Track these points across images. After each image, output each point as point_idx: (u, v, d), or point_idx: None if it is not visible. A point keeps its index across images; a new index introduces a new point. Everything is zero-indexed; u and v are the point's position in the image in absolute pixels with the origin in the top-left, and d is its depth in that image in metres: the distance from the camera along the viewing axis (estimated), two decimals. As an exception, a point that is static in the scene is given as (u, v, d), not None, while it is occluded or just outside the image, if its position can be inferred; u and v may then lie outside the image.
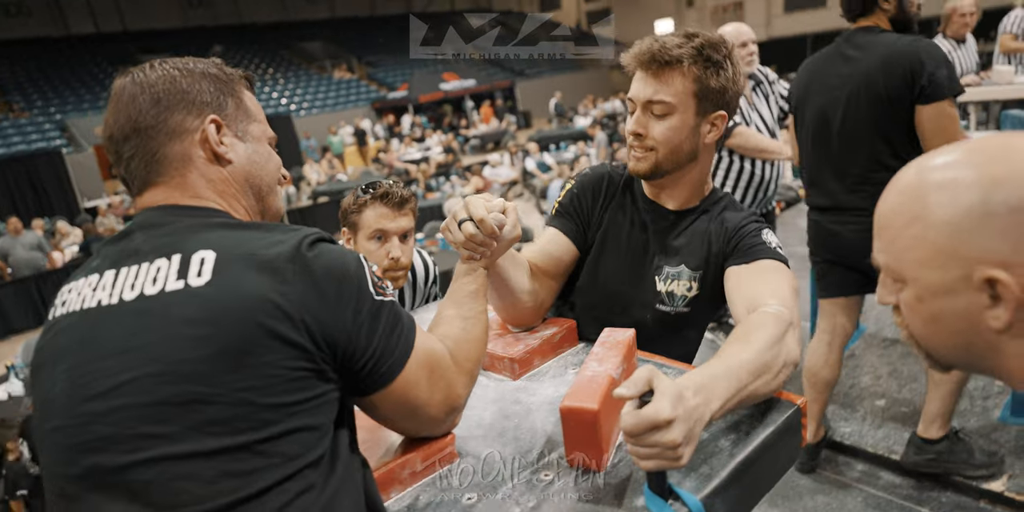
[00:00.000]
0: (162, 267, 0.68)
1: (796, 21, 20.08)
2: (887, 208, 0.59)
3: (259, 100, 0.85)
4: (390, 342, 0.75)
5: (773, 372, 0.87)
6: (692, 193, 1.22)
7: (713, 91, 1.10)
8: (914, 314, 0.59)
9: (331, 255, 0.72)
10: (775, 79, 2.95)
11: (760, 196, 2.90)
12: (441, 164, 12.49)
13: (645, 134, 1.13)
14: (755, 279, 1.07)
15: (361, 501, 0.73)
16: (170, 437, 0.61)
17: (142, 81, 0.77)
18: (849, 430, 2.44)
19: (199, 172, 0.78)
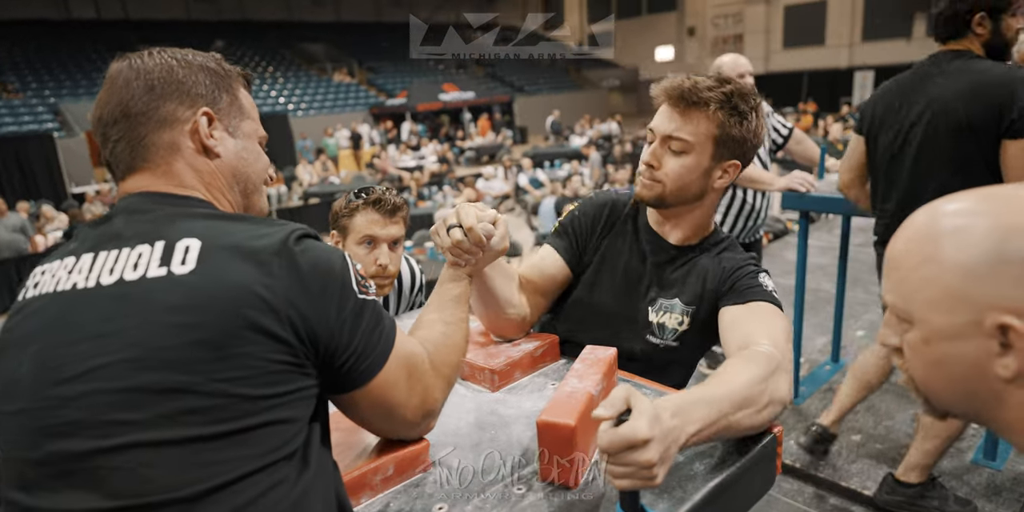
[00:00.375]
0: (144, 253, 0.68)
1: (794, 57, 20.50)
2: (898, 249, 0.59)
3: (257, 98, 0.86)
4: (371, 340, 0.75)
5: (757, 407, 0.87)
6: (694, 230, 1.24)
7: (733, 139, 1.11)
8: (918, 357, 0.58)
9: (317, 251, 0.72)
10: (770, 112, 3.00)
11: (749, 224, 2.94)
12: (435, 174, 12.50)
13: (658, 167, 1.15)
14: (749, 319, 1.07)
15: (332, 500, 0.72)
16: (142, 424, 0.60)
17: (139, 67, 0.77)
18: (824, 463, 2.46)
19: (186, 162, 0.77)
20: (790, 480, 2.43)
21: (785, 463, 2.44)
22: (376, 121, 17.48)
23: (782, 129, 3.01)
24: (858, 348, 3.31)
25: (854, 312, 3.85)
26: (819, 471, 2.41)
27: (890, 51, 18.05)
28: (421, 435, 0.89)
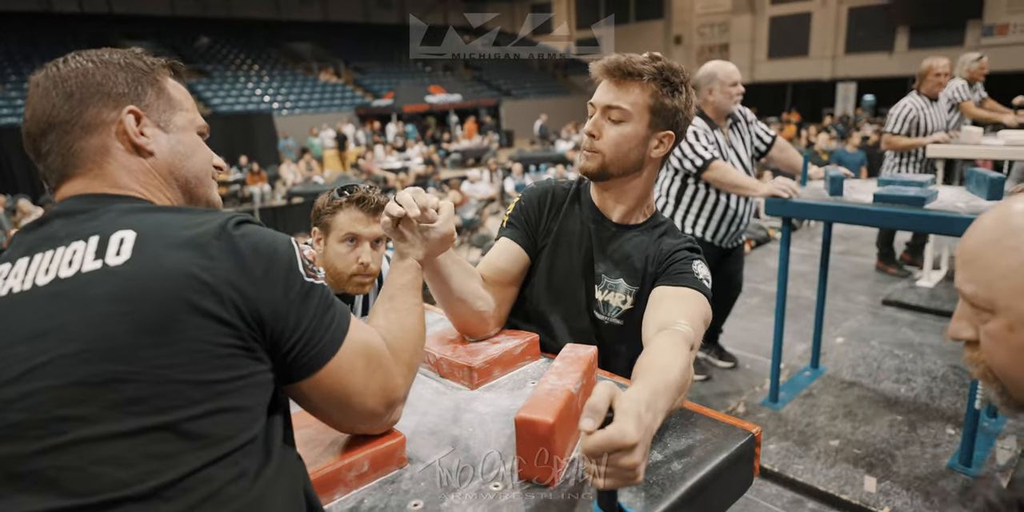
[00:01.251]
0: (79, 249, 0.66)
1: (778, 68, 20.75)
2: (976, 241, 0.61)
3: (242, 96, 0.83)
4: (322, 324, 0.73)
5: (686, 391, 0.94)
6: (635, 206, 1.29)
7: (667, 109, 1.19)
8: (1000, 345, 0.59)
9: (259, 234, 0.71)
10: (753, 120, 3.03)
11: (732, 230, 2.96)
12: (420, 175, 12.46)
13: (598, 136, 1.21)
14: (674, 302, 1.12)
15: (299, 496, 0.70)
16: (87, 419, 0.58)
17: (55, 75, 0.75)
18: (802, 468, 2.47)
19: (118, 163, 0.76)
20: (769, 484, 2.44)
21: (764, 467, 2.45)
22: (362, 122, 17.41)
23: (765, 136, 3.03)
24: (837, 355, 3.34)
25: (834, 319, 3.89)
26: (797, 476, 2.42)
27: (872, 64, 18.34)
28: (386, 428, 0.87)
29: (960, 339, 0.65)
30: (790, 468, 2.46)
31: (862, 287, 4.54)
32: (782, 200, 2.53)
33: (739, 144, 2.95)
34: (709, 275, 1.21)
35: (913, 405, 2.82)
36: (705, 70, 2.87)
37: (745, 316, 4.02)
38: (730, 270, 3.13)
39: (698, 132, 2.77)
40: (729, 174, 2.70)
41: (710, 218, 2.91)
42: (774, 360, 2.80)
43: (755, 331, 3.80)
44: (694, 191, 2.89)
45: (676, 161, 2.81)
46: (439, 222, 1.00)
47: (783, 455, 2.53)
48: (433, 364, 1.17)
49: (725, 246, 3.03)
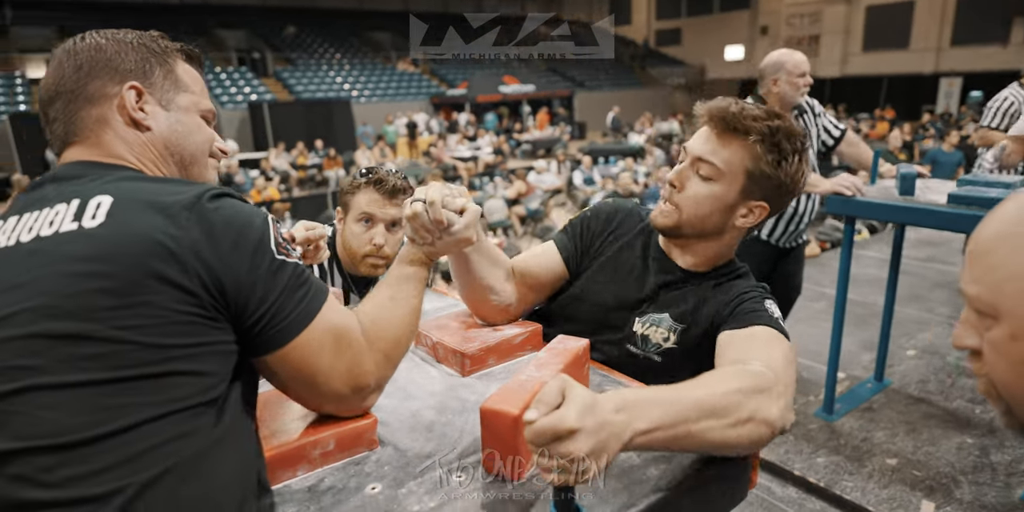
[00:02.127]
0: (60, 211, 0.69)
1: (874, 61, 19.49)
2: (989, 234, 0.53)
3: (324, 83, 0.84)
4: (290, 300, 0.73)
5: (730, 419, 0.75)
6: (706, 261, 1.16)
7: (767, 177, 1.04)
8: (1002, 356, 0.52)
9: (234, 208, 0.72)
10: (821, 112, 2.84)
11: (791, 228, 2.79)
12: (489, 164, 12.52)
13: (680, 188, 1.09)
14: (745, 342, 0.98)
15: (249, 469, 0.70)
16: (40, 369, 0.61)
17: (70, 49, 0.80)
18: (852, 485, 2.31)
19: (115, 134, 0.79)
20: (812, 500, 2.30)
21: (810, 482, 2.31)
22: (436, 111, 17.65)
23: (833, 130, 2.84)
24: (907, 368, 3.11)
25: (907, 330, 3.62)
26: (846, 493, 2.27)
27: (982, 57, 16.91)
28: (359, 412, 0.85)
29: (963, 348, 0.56)
30: (838, 484, 2.31)
31: (943, 297, 4.20)
32: (844, 198, 2.36)
33: (805, 137, 2.78)
34: (782, 317, 1.05)
35: (988, 428, 2.58)
36: (771, 59, 2.70)
37: (807, 321, 3.81)
38: (789, 271, 2.96)
39: (759, 124, 2.62)
40: (789, 169, 2.54)
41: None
42: (830, 368, 2.63)
43: (816, 337, 3.58)
44: (750, 186, 2.74)
45: (734, 154, 2.67)
46: (458, 226, 0.95)
47: (832, 470, 2.37)
48: (430, 348, 1.15)
49: (784, 246, 2.86)
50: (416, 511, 0.74)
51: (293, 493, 0.78)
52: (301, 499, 0.77)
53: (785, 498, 2.29)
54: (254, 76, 17.11)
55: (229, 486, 0.66)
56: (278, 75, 17.80)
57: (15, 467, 0.58)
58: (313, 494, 0.78)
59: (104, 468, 0.59)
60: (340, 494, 0.77)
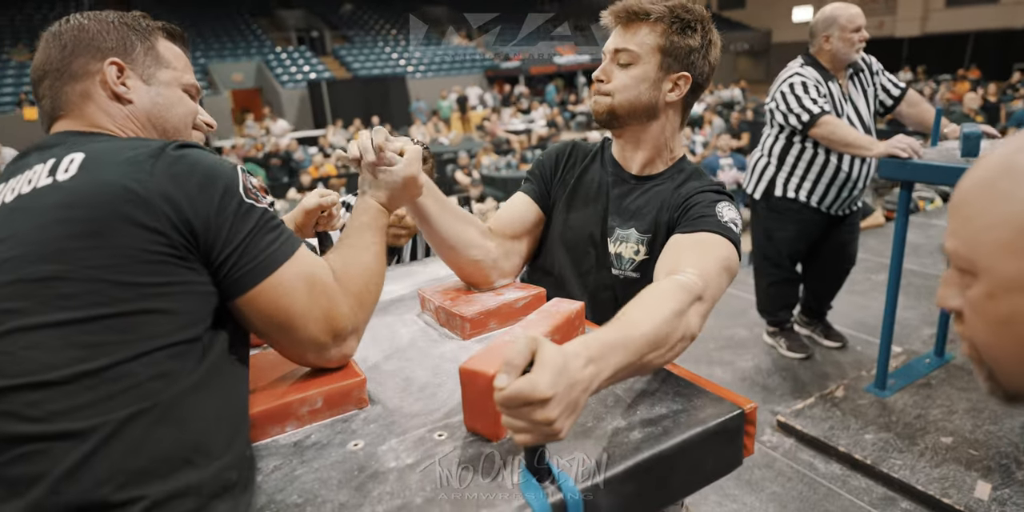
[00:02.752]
0: (37, 170, 0.73)
1: (959, 17, 18.00)
2: (969, 183, 0.49)
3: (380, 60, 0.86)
4: (259, 243, 0.75)
5: (669, 345, 0.82)
6: (654, 156, 1.23)
7: (678, 49, 1.13)
8: (979, 317, 0.48)
9: (199, 155, 0.74)
10: (879, 69, 2.64)
11: (844, 195, 2.64)
12: (542, 137, 12.39)
13: (607, 80, 1.17)
14: (686, 249, 1.02)
15: (234, 415, 0.73)
16: (23, 311, 0.64)
17: (56, 30, 0.85)
18: (901, 463, 2.21)
19: (97, 106, 0.84)
20: (857, 476, 2.21)
21: (855, 458, 2.22)
22: (490, 84, 17.53)
23: (893, 89, 2.64)
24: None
25: (975, 302, 3.40)
26: (893, 471, 2.17)
27: (1084, 9, 15.39)
28: (338, 362, 0.86)
29: (947, 309, 0.51)
30: (886, 462, 2.21)
31: (1020, 268, 3.91)
32: (899, 161, 2.21)
33: (859, 98, 2.60)
34: (737, 217, 1.10)
35: (1057, 406, 2.41)
36: (823, 14, 2.53)
37: (866, 294, 3.63)
38: (841, 240, 2.81)
39: (807, 83, 2.47)
40: (839, 130, 2.39)
41: (817, 181, 2.61)
42: (883, 342, 2.49)
43: (874, 311, 3.41)
44: (800, 150, 2.60)
45: (780, 116, 2.54)
46: (399, 166, 0.98)
47: (880, 447, 2.27)
48: (434, 312, 1.15)
49: (836, 213, 2.71)
50: (392, 467, 0.75)
51: (279, 447, 0.80)
52: (285, 453, 0.79)
53: (828, 475, 2.21)
54: (313, 55, 17.41)
55: (210, 431, 0.68)
56: (336, 53, 18.05)
57: (3, 404, 0.61)
58: (297, 449, 0.79)
59: (84, 404, 0.62)
60: (323, 449, 0.79)
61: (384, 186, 0.98)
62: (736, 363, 2.96)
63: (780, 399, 2.65)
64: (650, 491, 0.76)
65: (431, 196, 1.11)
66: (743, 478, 2.20)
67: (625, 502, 0.73)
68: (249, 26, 18.47)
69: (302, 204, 1.28)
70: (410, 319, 1.18)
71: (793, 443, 2.37)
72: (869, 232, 4.89)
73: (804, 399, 2.57)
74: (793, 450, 2.34)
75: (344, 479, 0.73)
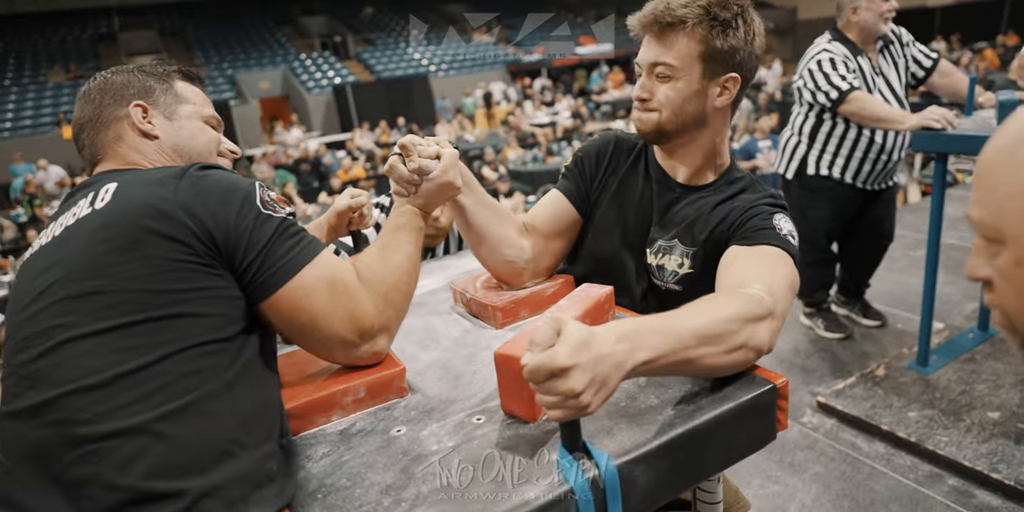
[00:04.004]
0: (80, 204, 0.81)
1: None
2: (991, 151, 0.49)
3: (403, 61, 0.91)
4: (279, 249, 0.80)
5: (724, 346, 0.79)
6: (703, 164, 1.16)
7: (721, 53, 1.04)
8: (1010, 284, 0.48)
9: (221, 175, 0.81)
10: (909, 41, 2.58)
11: (879, 169, 2.59)
12: (567, 129, 12.35)
13: (649, 99, 1.10)
14: (749, 261, 0.98)
15: (270, 414, 0.77)
16: (70, 325, 0.71)
17: (87, 89, 0.97)
18: (947, 440, 2.17)
19: (129, 146, 0.93)
20: (902, 455, 2.19)
21: (899, 436, 2.20)
22: (513, 78, 17.51)
23: (924, 60, 2.58)
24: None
25: (1021, 275, 3.30)
26: (939, 448, 2.13)
27: None
28: (371, 359, 0.89)
29: (977, 279, 0.52)
30: (931, 439, 2.17)
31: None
32: (933, 133, 2.16)
33: (890, 71, 2.55)
34: (794, 230, 1.05)
35: (1113, 379, 2.34)
36: None
37: (906, 270, 3.55)
38: (877, 216, 2.76)
39: (835, 59, 2.43)
40: (870, 106, 2.34)
41: (850, 156, 2.57)
42: (923, 318, 2.44)
43: (913, 287, 3.33)
44: (831, 127, 2.56)
45: (809, 95, 2.50)
46: (435, 173, 0.98)
47: (924, 424, 2.24)
48: (466, 304, 1.18)
49: (871, 188, 2.66)
50: (435, 450, 0.78)
51: (326, 436, 0.84)
52: (332, 441, 0.83)
53: (872, 454, 2.19)
54: (337, 60, 17.63)
55: (248, 424, 0.73)
56: (359, 56, 18.25)
57: (58, 412, 0.67)
58: (344, 436, 0.84)
59: (124, 404, 0.67)
60: (368, 436, 0.83)
61: (421, 192, 1.00)
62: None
63: (819, 380, 2.62)
64: (685, 466, 0.78)
65: (471, 193, 1.11)
66: (785, 460, 2.19)
67: (660, 477, 0.75)
68: (273, 35, 18.80)
69: (334, 206, 1.33)
70: (444, 311, 1.21)
71: (834, 423, 2.35)
72: (906, 208, 4.77)
73: (844, 379, 2.54)
74: (835, 430, 2.32)
75: (389, 463, 0.77)
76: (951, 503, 1.98)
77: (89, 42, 17.11)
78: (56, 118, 13.57)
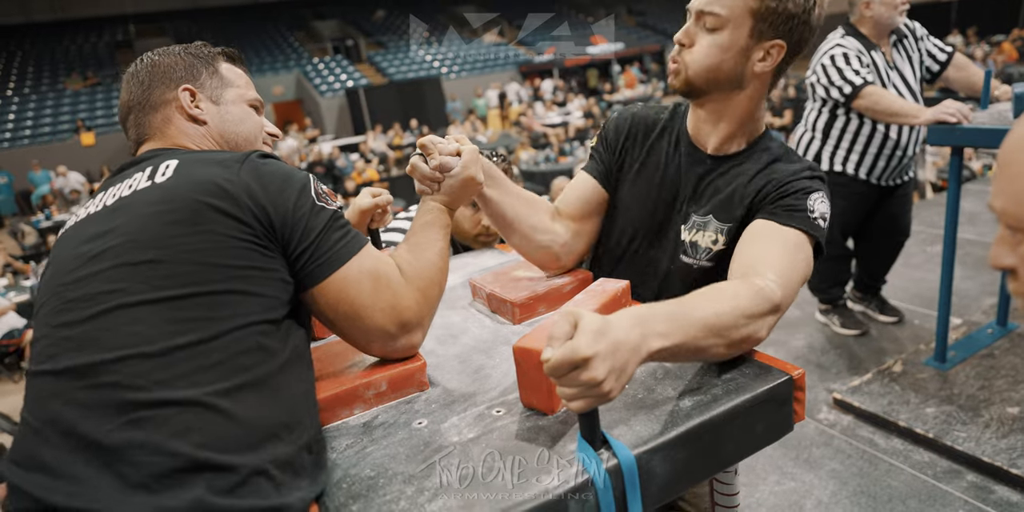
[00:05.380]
0: (137, 177, 0.83)
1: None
2: (1013, 141, 0.50)
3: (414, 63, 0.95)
4: (330, 238, 0.83)
5: (729, 339, 0.81)
6: (736, 130, 1.10)
7: (775, 13, 0.98)
8: None
9: (279, 164, 0.84)
10: (923, 35, 2.56)
11: (894, 164, 2.58)
12: (580, 129, 12.35)
13: (688, 45, 1.05)
14: (771, 246, 0.96)
15: (311, 399, 0.80)
16: (124, 291, 0.72)
17: (133, 71, 0.97)
18: (965, 435, 2.16)
19: (177, 128, 0.95)
20: (920, 451, 2.18)
21: (917, 433, 2.19)
22: (524, 78, 17.54)
23: (939, 54, 2.56)
24: (1037, 311, 2.81)
25: (1042, 270, 3.26)
26: (957, 444, 2.12)
27: None
28: (404, 352, 0.92)
29: (1001, 268, 0.53)
30: (948, 435, 2.16)
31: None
32: (949, 127, 2.15)
33: (905, 65, 2.53)
34: (827, 212, 1.02)
35: None
36: None
37: (922, 266, 3.53)
38: (893, 212, 2.75)
39: (848, 54, 2.42)
40: (884, 100, 2.33)
41: (864, 152, 2.56)
42: (940, 313, 2.43)
43: (931, 283, 3.32)
44: (844, 122, 2.55)
45: (823, 90, 2.49)
46: (456, 170, 1.01)
47: (942, 420, 2.22)
48: (485, 299, 1.20)
49: (886, 184, 2.65)
50: (456, 441, 0.80)
51: (350, 428, 0.86)
52: (356, 433, 0.85)
53: (889, 450, 2.18)
54: (349, 63, 17.76)
55: (296, 409, 0.75)
56: (371, 59, 18.36)
57: (110, 375, 0.67)
58: (367, 429, 0.86)
59: (184, 374, 0.68)
60: (390, 429, 0.85)
61: (444, 189, 1.02)
62: (789, 343, 2.92)
63: (836, 377, 2.62)
64: (702, 457, 0.79)
65: (496, 186, 1.12)
66: (801, 457, 2.19)
67: (678, 468, 0.77)
68: (286, 39, 18.97)
69: (358, 204, 1.35)
70: (463, 307, 1.23)
71: (851, 420, 2.34)
72: (922, 203, 4.73)
73: (861, 376, 2.53)
74: (852, 427, 2.31)
75: (411, 454, 0.79)
76: (970, 499, 1.97)
77: (106, 49, 17.35)
78: (75, 125, 13.78)
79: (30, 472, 0.65)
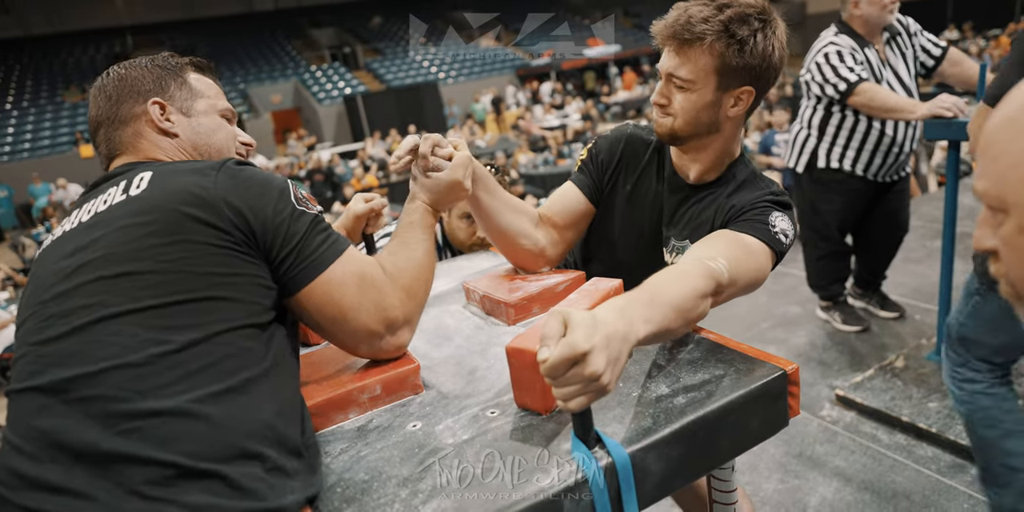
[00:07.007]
0: (111, 192, 0.82)
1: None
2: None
3: (411, 69, 0.95)
4: (312, 242, 0.83)
5: (688, 318, 0.85)
6: (713, 165, 1.20)
7: (737, 68, 1.07)
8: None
9: (256, 171, 0.83)
10: (917, 30, 2.56)
11: (890, 161, 2.57)
12: (578, 131, 12.37)
13: (667, 104, 1.15)
14: (728, 243, 1.01)
15: (296, 403, 0.79)
16: (108, 303, 0.72)
17: (100, 84, 0.96)
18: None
19: (149, 142, 0.94)
20: (924, 446, 2.16)
21: (920, 427, 2.18)
22: (522, 82, 17.57)
23: (933, 49, 2.56)
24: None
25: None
26: (961, 438, 2.11)
27: None
28: (392, 352, 0.91)
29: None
30: (952, 429, 2.15)
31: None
32: (945, 121, 2.14)
33: (898, 61, 2.53)
34: (789, 229, 1.08)
35: None
36: None
37: (922, 261, 3.52)
38: (891, 208, 2.74)
39: (842, 52, 2.42)
40: (878, 97, 2.33)
41: (860, 149, 2.56)
42: (941, 308, 2.42)
43: (932, 278, 3.30)
44: (840, 119, 2.55)
45: (817, 88, 2.49)
46: (444, 172, 1.03)
47: (946, 415, 2.22)
48: (479, 301, 1.20)
49: (883, 180, 2.65)
50: (450, 443, 0.80)
51: (344, 433, 0.86)
52: (350, 437, 0.85)
53: (893, 445, 2.17)
54: (347, 70, 17.81)
55: (283, 415, 0.75)
56: (368, 66, 18.41)
57: (93, 388, 0.68)
58: (361, 433, 0.86)
59: (168, 382, 0.68)
60: (384, 432, 0.85)
61: (431, 189, 1.04)
62: (790, 340, 2.92)
63: (838, 373, 2.61)
64: (697, 453, 0.79)
65: (486, 190, 1.17)
66: (804, 454, 2.18)
67: (673, 464, 0.76)
68: (284, 48, 19.04)
69: (352, 210, 1.35)
70: (456, 310, 1.23)
71: (854, 416, 2.33)
72: (921, 198, 4.72)
73: (863, 372, 2.52)
74: (854, 423, 2.30)
75: (406, 456, 0.79)
76: (974, 493, 1.96)
77: (104, 61, 17.42)
78: (74, 137, 13.83)
79: (18, 491, 0.65)
